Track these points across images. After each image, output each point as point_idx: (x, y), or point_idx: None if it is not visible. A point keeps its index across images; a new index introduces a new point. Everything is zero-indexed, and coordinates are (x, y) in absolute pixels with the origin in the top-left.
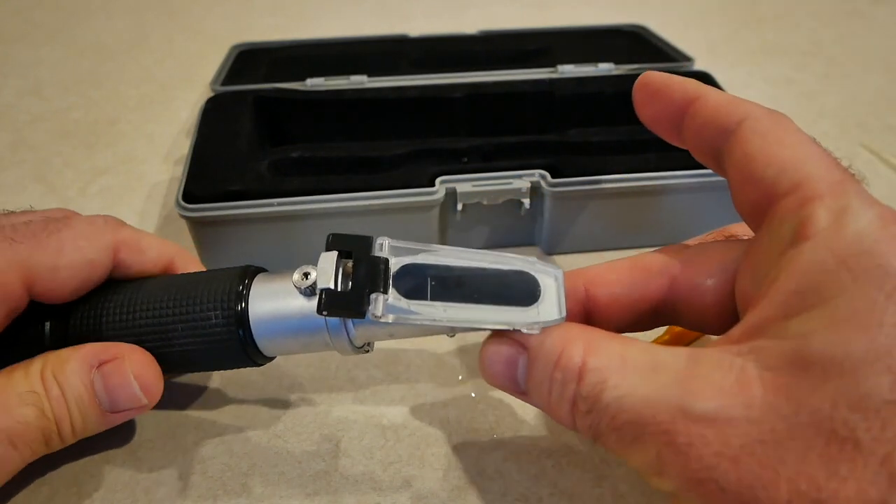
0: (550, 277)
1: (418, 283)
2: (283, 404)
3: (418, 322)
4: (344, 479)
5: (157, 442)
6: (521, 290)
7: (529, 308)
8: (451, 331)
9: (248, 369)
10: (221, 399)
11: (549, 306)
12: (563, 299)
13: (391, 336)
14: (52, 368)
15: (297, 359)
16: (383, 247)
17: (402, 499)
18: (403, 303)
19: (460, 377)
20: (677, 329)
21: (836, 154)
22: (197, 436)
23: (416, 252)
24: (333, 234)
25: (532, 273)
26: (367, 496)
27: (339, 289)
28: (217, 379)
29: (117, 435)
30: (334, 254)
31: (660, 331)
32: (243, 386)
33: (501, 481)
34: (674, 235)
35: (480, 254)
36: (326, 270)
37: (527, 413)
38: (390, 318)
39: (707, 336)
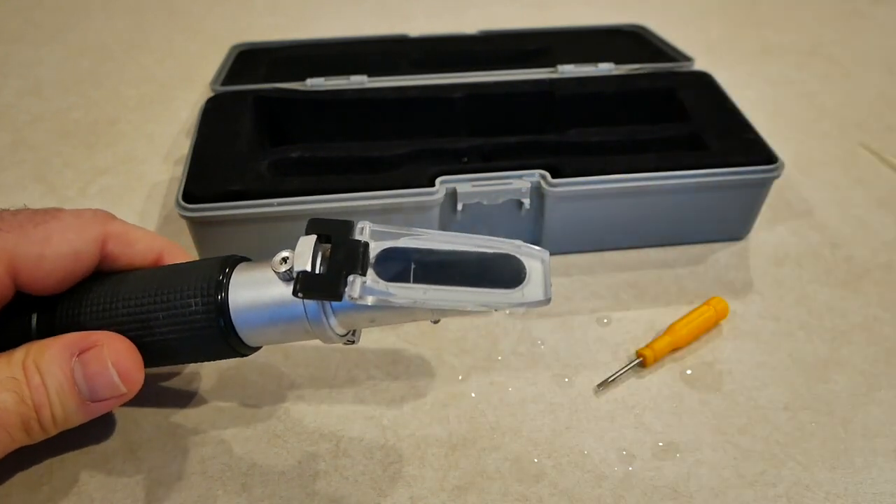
0: (537, 260)
1: (402, 267)
2: (283, 404)
3: (397, 304)
4: (344, 479)
5: (157, 442)
6: (507, 273)
7: (514, 290)
8: (434, 315)
9: (248, 369)
10: (221, 399)
11: (535, 288)
12: (549, 281)
13: (373, 322)
14: (33, 357)
15: (297, 358)
16: (364, 231)
17: (402, 499)
18: (381, 285)
19: (460, 377)
20: (678, 328)
21: (836, 154)
22: (196, 436)
23: (399, 236)
24: (312, 219)
25: (518, 256)
26: (367, 496)
27: (316, 271)
28: (217, 379)
29: (118, 435)
30: (313, 237)
31: (660, 330)
32: (243, 386)
33: (501, 481)
34: (674, 235)
35: (465, 237)
36: (303, 253)
37: (527, 413)
38: (369, 300)
39: (716, 330)
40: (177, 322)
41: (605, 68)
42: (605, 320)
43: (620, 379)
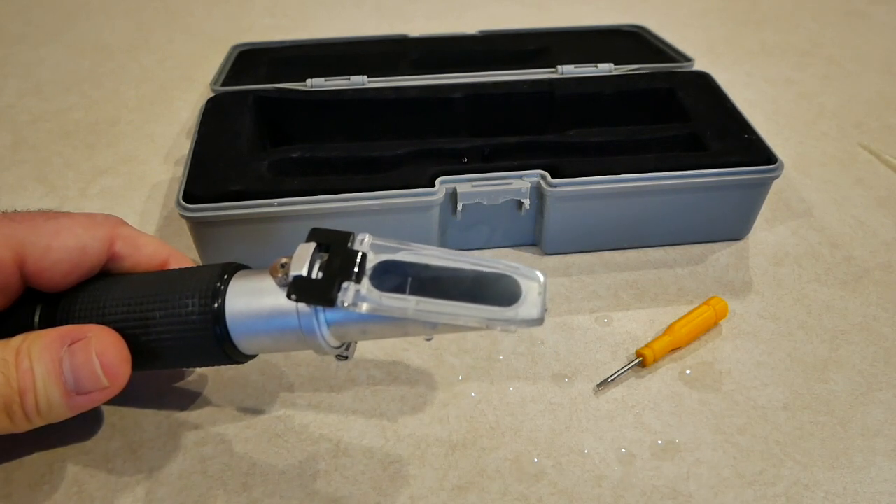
0: (534, 282)
1: (399, 281)
2: (284, 404)
3: (389, 313)
4: (344, 479)
5: (158, 442)
6: (502, 292)
7: (508, 308)
8: (427, 328)
9: (248, 369)
10: (221, 399)
11: (529, 308)
12: (545, 303)
13: (365, 334)
14: (28, 343)
15: (297, 359)
16: (364, 242)
17: (402, 499)
18: (375, 294)
19: (460, 377)
20: (677, 328)
21: (836, 154)
22: (197, 436)
23: (397, 250)
24: (314, 228)
25: (515, 277)
26: (367, 496)
27: (312, 277)
28: (217, 379)
29: (118, 435)
30: (312, 245)
31: (660, 330)
32: (243, 386)
33: (501, 481)
34: (674, 235)
35: (464, 256)
36: (301, 258)
37: (527, 413)
38: (362, 307)
39: (716, 330)
40: (173, 322)
41: (604, 69)
42: (605, 320)
43: (620, 379)
